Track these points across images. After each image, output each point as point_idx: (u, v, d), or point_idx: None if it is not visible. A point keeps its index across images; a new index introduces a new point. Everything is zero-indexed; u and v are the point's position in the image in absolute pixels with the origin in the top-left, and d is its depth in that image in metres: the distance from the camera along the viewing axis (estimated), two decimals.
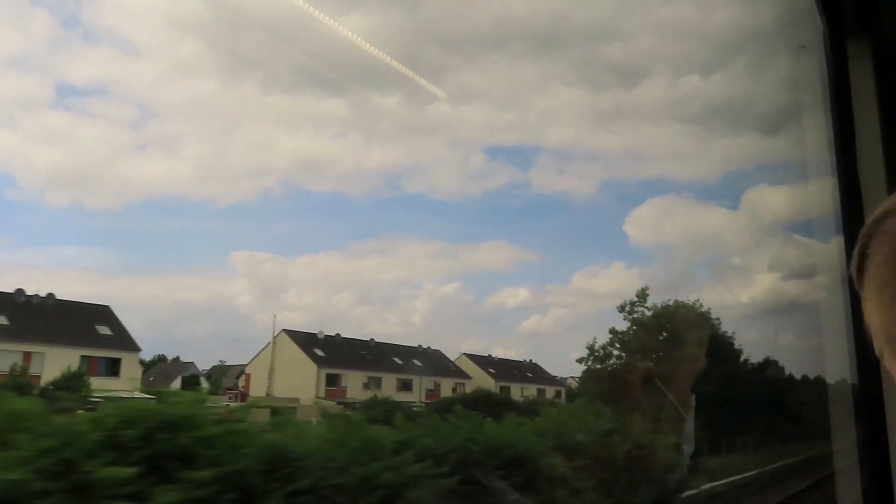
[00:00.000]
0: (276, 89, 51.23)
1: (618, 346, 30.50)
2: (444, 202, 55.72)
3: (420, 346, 49.97)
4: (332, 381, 43.54)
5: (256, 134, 49.39)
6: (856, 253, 0.71)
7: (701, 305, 30.50)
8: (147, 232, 49.21)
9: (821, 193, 2.97)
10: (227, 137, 49.66)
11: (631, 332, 30.79)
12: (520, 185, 56.05)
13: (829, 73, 2.08)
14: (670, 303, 30.88)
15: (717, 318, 30.75)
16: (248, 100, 46.23)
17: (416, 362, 47.98)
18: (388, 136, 49.75)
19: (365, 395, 37.97)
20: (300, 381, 40.65)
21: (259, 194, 52.78)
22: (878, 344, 0.69)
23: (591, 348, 30.55)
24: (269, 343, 44.07)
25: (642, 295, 30.95)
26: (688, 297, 31.23)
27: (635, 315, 30.58)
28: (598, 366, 30.07)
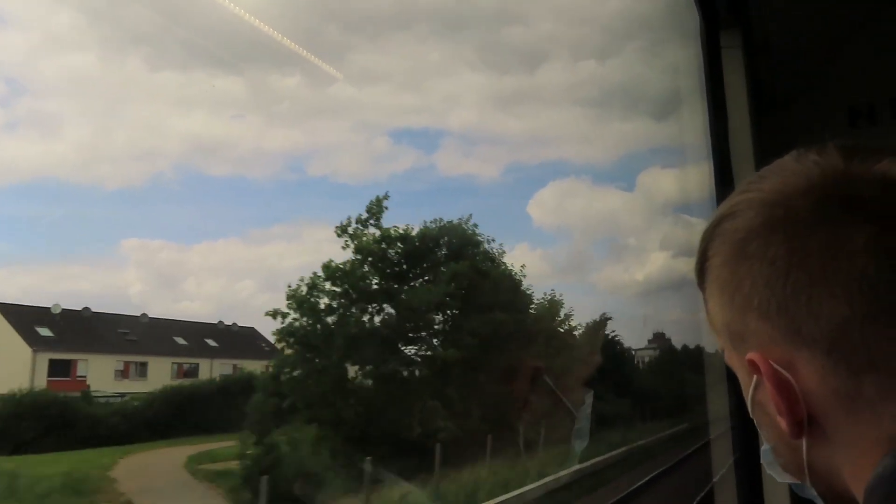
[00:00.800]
0: (166, 66, 48.58)
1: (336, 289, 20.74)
2: (348, 185, 54.91)
3: (222, 322, 43.38)
4: (60, 368, 34.14)
5: (144, 114, 46.70)
6: (697, 254, 0.75)
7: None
8: (22, 218, 45.62)
9: (700, 176, 3.14)
10: (111, 117, 46.59)
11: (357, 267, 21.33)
12: (425, 168, 56.07)
13: (704, 62, 2.19)
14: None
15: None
16: (134, 77, 43.59)
17: (211, 342, 42.12)
18: (289, 117, 48.27)
19: (120, 386, 33.71)
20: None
21: (150, 178, 49.98)
22: (721, 340, 0.74)
23: (294, 295, 20.40)
24: None
25: (376, 207, 22.15)
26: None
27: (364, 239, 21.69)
28: (308, 323, 20.09)
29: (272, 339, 23.37)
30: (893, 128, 2.32)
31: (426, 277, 22.59)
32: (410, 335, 21.83)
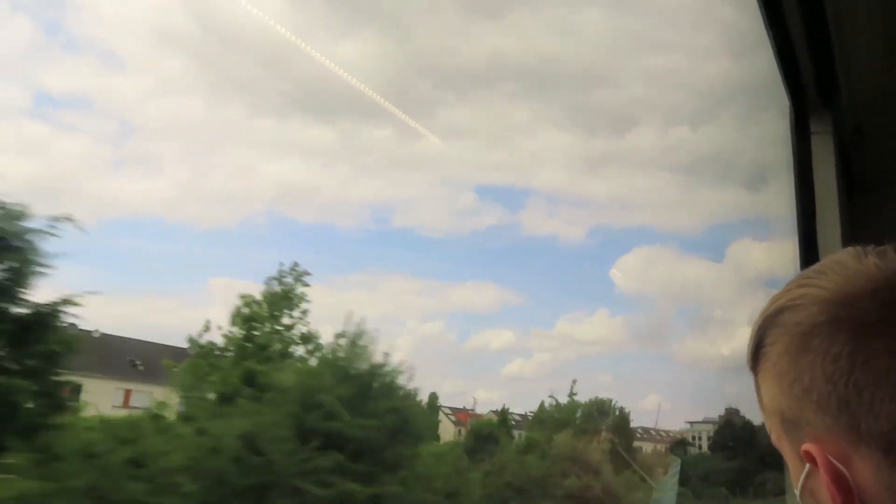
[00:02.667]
0: (264, 113, 51.07)
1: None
2: (430, 239, 55.41)
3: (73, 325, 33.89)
4: None
5: (241, 158, 49.00)
6: (752, 342, 0.79)
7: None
8: (121, 251, 48.08)
9: (785, 253, 3.11)
10: (210, 159, 49.12)
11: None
12: (508, 226, 56.16)
13: (793, 144, 2.22)
14: None
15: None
16: (235, 122, 46.01)
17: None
18: (377, 168, 49.61)
19: None
20: None
21: (241, 220, 52.19)
22: (770, 423, 0.78)
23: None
24: None
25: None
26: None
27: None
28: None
29: None
30: None
31: None
32: None
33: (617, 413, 46.22)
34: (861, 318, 0.68)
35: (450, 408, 47.77)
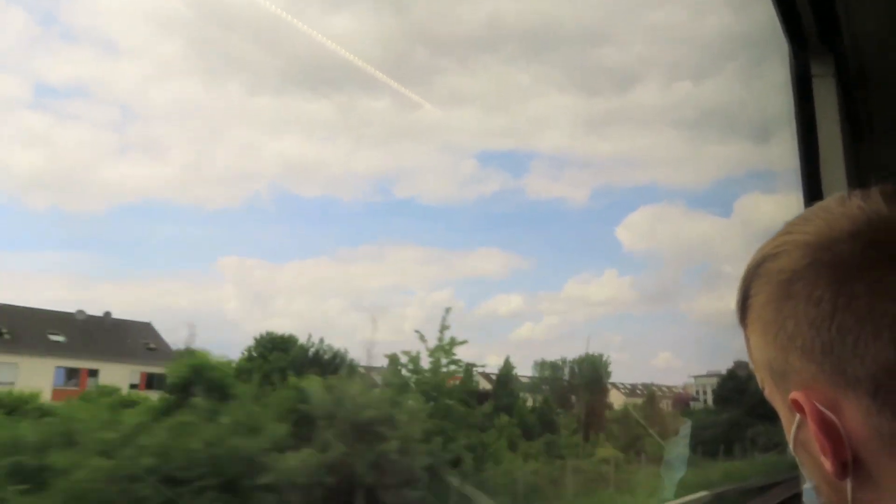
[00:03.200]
0: (263, 91, 50.91)
1: None
2: (435, 208, 55.51)
3: (81, 311, 36.63)
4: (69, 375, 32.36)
5: (243, 137, 49.03)
6: (739, 292, 0.78)
7: None
8: (130, 236, 48.64)
9: (792, 204, 3.05)
10: (212, 140, 49.25)
11: None
12: (512, 191, 56.11)
13: (794, 90, 2.15)
14: None
15: None
16: (234, 102, 45.93)
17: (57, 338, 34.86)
18: (378, 139, 49.54)
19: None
20: None
21: (246, 199, 52.43)
22: (761, 376, 0.76)
23: None
24: None
25: None
26: None
27: None
28: None
29: None
30: None
31: None
32: None
33: (609, 370, 46.84)
34: (841, 261, 0.66)
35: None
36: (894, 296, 0.62)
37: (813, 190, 2.09)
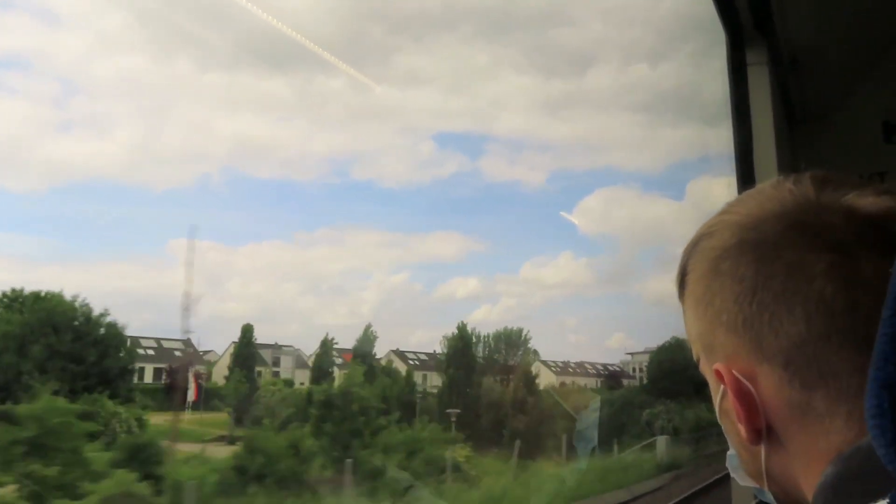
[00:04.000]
0: (213, 68, 49.51)
1: None
2: (393, 190, 55.18)
3: None
4: None
5: (193, 115, 47.65)
6: (678, 269, 0.82)
7: None
8: (76, 217, 47.01)
9: (730, 189, 3.13)
10: (160, 118, 47.72)
11: None
12: (469, 173, 56.05)
13: (729, 77, 2.20)
14: None
15: None
16: (183, 78, 44.51)
17: None
18: (335, 120, 48.73)
19: None
20: None
21: (198, 179, 51.23)
22: (696, 350, 0.80)
23: None
24: None
25: None
26: None
27: None
28: None
29: None
30: None
31: None
32: None
33: (531, 348, 47.20)
34: (765, 240, 0.70)
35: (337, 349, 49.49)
36: (809, 276, 0.66)
37: (746, 174, 2.15)
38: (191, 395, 36.97)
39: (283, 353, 50.48)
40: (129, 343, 35.56)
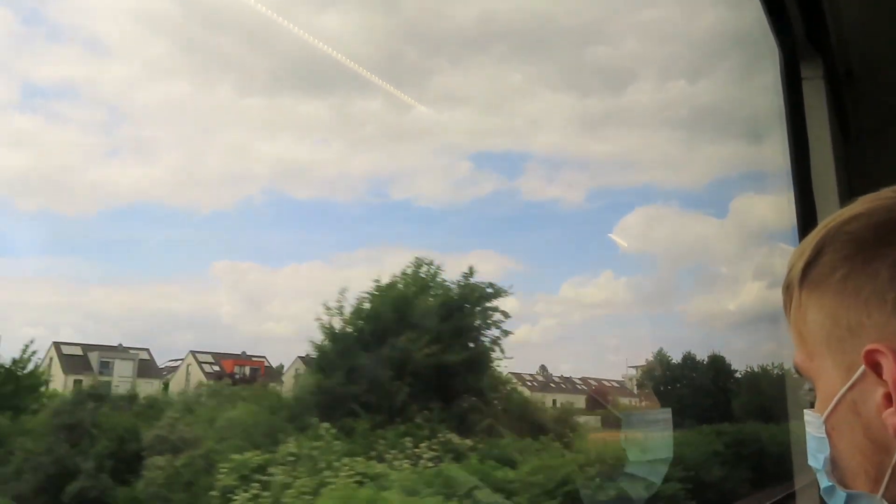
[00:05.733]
0: (253, 92, 50.74)
1: None
2: (431, 210, 55.48)
3: None
4: None
5: (234, 138, 48.77)
6: (804, 258, 0.78)
7: None
8: (122, 240, 48.33)
9: (783, 205, 3.07)
10: (203, 142, 48.97)
11: None
12: (507, 192, 56.07)
13: (784, 92, 2.17)
14: None
15: None
16: (224, 103, 45.69)
17: None
18: (371, 141, 49.40)
19: None
20: None
21: (240, 202, 52.08)
22: (810, 343, 0.76)
23: None
24: None
25: None
26: None
27: None
28: None
29: None
30: None
31: None
32: None
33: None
34: None
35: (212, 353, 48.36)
36: None
37: (804, 190, 2.11)
38: None
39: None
40: None
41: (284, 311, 54.25)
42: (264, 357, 48.22)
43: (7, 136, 42.03)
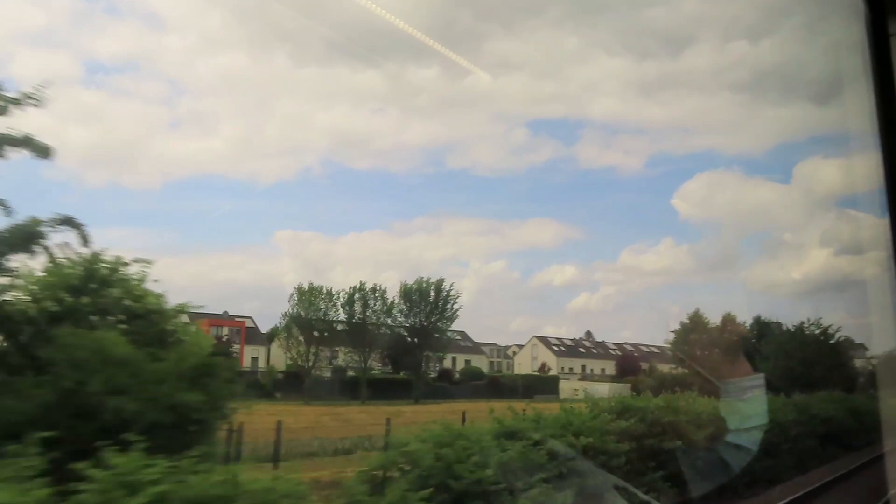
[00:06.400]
0: (309, 62, 51.07)
1: None
2: (487, 178, 55.25)
3: None
4: None
5: (291, 109, 49.30)
6: None
7: None
8: (186, 211, 49.83)
9: (867, 167, 2.98)
10: (261, 113, 49.69)
11: None
12: (564, 159, 55.32)
13: (870, 50, 2.13)
14: None
15: None
16: (281, 73, 46.08)
17: None
18: (427, 109, 49.22)
19: None
20: None
21: (299, 172, 53.00)
22: None
23: None
24: None
25: None
26: None
27: None
28: None
29: None
30: None
31: None
32: None
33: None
34: None
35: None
36: None
37: (892, 148, 2.07)
38: None
39: None
40: None
41: (345, 279, 55.23)
42: (249, 317, 48.10)
43: (74, 112, 43.61)
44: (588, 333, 75.65)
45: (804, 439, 15.00)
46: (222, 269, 53.20)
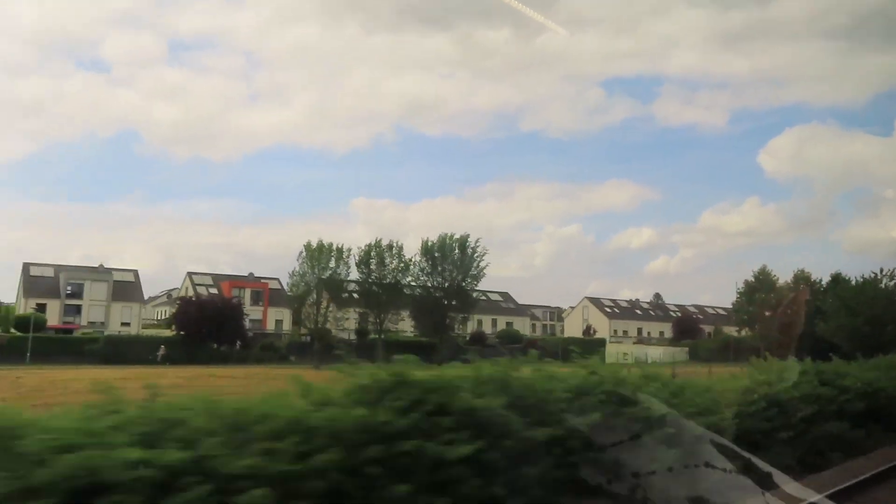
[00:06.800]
0: (379, 29, 49.41)
1: None
2: (561, 140, 52.78)
3: None
4: None
5: (363, 77, 48.13)
6: None
7: None
8: (266, 182, 49.75)
9: None
10: (334, 83, 48.46)
11: None
12: (641, 118, 51.89)
13: None
14: None
15: None
16: (352, 42, 44.41)
17: None
18: (498, 72, 46.69)
19: None
20: None
21: (372, 140, 51.75)
22: None
23: None
24: None
25: None
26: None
27: None
28: None
29: None
30: None
31: None
32: None
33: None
34: None
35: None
36: None
37: None
38: None
39: None
40: None
41: (418, 245, 53.17)
42: (276, 279, 46.53)
43: (160, 90, 43.94)
44: (657, 295, 71.72)
45: (822, 422, 10.72)
46: (302, 236, 53.08)
